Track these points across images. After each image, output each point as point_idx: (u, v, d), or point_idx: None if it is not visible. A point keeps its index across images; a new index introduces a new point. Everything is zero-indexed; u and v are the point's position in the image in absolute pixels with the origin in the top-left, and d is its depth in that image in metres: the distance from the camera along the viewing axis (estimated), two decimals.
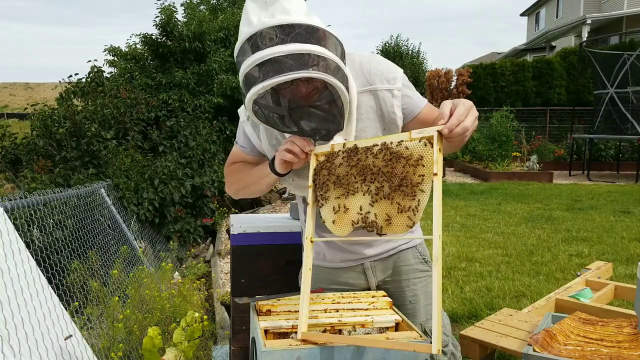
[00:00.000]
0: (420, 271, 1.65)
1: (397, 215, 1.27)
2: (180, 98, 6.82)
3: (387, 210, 1.29)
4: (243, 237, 1.90)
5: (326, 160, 1.39)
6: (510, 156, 11.70)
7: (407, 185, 1.26)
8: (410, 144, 1.27)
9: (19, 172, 5.36)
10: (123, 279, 3.40)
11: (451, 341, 1.67)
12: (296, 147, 1.36)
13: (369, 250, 1.60)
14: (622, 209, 7.41)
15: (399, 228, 1.27)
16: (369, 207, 1.31)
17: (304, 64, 1.19)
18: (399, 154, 1.28)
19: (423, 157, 1.25)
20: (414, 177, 1.26)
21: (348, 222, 1.35)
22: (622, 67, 11.29)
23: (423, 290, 1.64)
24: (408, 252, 1.64)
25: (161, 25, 7.15)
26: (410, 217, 1.25)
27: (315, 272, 1.67)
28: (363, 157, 1.33)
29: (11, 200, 2.67)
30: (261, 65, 1.19)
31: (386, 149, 1.30)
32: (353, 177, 1.34)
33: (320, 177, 1.40)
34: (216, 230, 6.16)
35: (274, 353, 1.19)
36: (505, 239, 5.68)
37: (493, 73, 16.26)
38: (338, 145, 1.38)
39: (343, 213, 1.35)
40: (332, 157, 1.39)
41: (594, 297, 2.80)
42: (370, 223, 1.30)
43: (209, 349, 2.87)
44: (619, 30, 18.60)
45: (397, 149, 1.28)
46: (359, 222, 1.32)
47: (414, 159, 1.26)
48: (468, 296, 3.83)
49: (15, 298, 1.76)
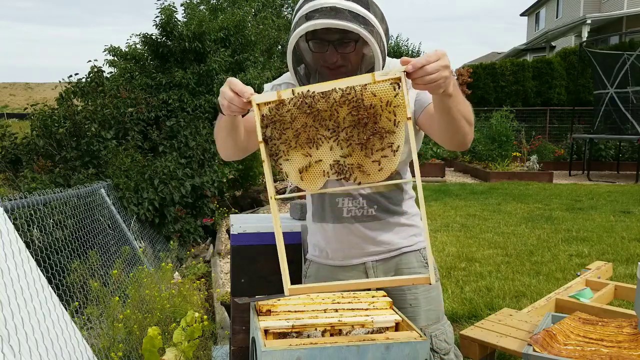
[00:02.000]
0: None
1: (372, 163, 1.22)
2: (180, 98, 6.81)
3: (360, 159, 1.22)
4: (243, 237, 1.90)
5: (276, 112, 1.25)
6: (510, 156, 11.71)
7: (381, 132, 1.19)
8: (377, 88, 1.17)
9: (19, 172, 5.37)
10: (123, 279, 3.40)
11: (453, 350, 1.66)
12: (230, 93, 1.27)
13: (371, 247, 1.59)
14: (622, 209, 7.41)
15: (375, 176, 1.23)
16: (340, 157, 1.24)
17: (359, 23, 1.28)
18: (365, 99, 1.18)
19: (393, 101, 1.17)
20: (387, 124, 1.19)
21: (319, 175, 1.27)
22: (622, 67, 11.30)
23: (424, 295, 1.62)
24: (411, 255, 1.63)
25: (161, 25, 7.15)
26: (386, 165, 1.21)
27: (318, 271, 1.68)
28: (323, 104, 1.21)
29: (11, 200, 2.67)
30: (321, 10, 1.29)
31: (350, 96, 1.19)
32: (314, 128, 1.23)
33: (274, 130, 1.26)
34: (216, 230, 6.16)
35: (274, 353, 1.19)
36: (505, 239, 5.68)
37: (493, 73, 16.26)
38: (286, 93, 1.23)
39: (311, 166, 1.26)
40: (282, 106, 1.24)
41: (594, 297, 2.80)
42: (346, 171, 1.24)
43: (209, 349, 2.87)
44: (619, 30, 18.60)
45: (363, 94, 1.18)
46: (331, 172, 1.25)
47: (384, 104, 1.18)
48: (468, 296, 3.83)
49: (15, 298, 1.76)
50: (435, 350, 1.59)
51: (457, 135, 1.36)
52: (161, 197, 5.13)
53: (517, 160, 12.04)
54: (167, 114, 6.62)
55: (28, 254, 1.99)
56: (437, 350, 1.59)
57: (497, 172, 10.90)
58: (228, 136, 1.47)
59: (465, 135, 1.36)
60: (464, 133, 1.35)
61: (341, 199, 1.57)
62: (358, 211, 1.56)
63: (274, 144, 1.27)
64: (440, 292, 1.70)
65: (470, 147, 12.99)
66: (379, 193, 1.56)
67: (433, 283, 1.21)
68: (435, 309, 1.65)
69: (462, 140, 1.38)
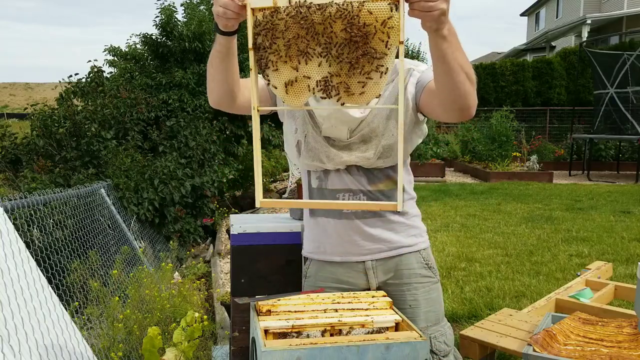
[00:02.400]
0: (422, 276, 1.63)
1: (357, 84, 1.20)
2: (180, 98, 6.81)
3: (348, 79, 1.21)
4: (243, 237, 1.90)
5: (270, 20, 1.22)
6: (510, 156, 11.71)
7: (371, 54, 1.17)
8: (374, 7, 1.15)
9: (19, 172, 5.36)
10: (123, 279, 3.40)
11: (453, 352, 1.66)
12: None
13: (370, 244, 1.58)
14: (622, 209, 7.41)
15: (361, 98, 1.22)
16: (327, 74, 1.22)
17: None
18: (361, 17, 1.16)
19: (388, 22, 1.15)
20: (379, 45, 1.17)
21: (304, 90, 1.25)
22: (622, 67, 11.30)
23: (424, 296, 1.62)
24: (411, 256, 1.63)
25: (161, 25, 7.15)
26: (371, 87, 1.20)
27: (318, 271, 1.68)
28: (318, 17, 1.19)
29: (11, 200, 2.67)
30: None
31: (346, 11, 1.17)
32: (306, 40, 1.21)
33: (265, 38, 1.24)
34: (216, 230, 6.17)
35: (274, 353, 1.19)
36: (505, 239, 5.68)
37: (493, 73, 16.27)
38: (283, 0, 1.21)
39: (298, 81, 1.25)
40: (276, 14, 1.22)
41: (594, 297, 2.80)
42: (331, 89, 1.22)
43: (209, 349, 2.87)
44: (619, 30, 18.60)
45: (359, 12, 1.16)
46: (317, 89, 1.23)
47: (379, 24, 1.15)
48: (468, 296, 3.83)
49: (15, 298, 1.76)
50: (434, 352, 1.59)
51: (457, 92, 1.29)
52: (161, 197, 5.13)
53: (517, 160, 12.04)
54: (167, 114, 6.62)
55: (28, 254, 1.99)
56: (436, 352, 1.59)
57: (497, 172, 10.90)
58: (220, 64, 1.41)
59: (467, 95, 1.30)
60: (465, 91, 1.29)
61: (342, 195, 1.57)
62: None
63: (263, 53, 1.25)
64: (440, 294, 1.70)
65: (470, 147, 13.01)
66: (379, 191, 1.56)
67: (400, 209, 1.23)
68: (435, 310, 1.65)
69: (464, 102, 1.31)
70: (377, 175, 1.56)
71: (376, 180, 1.56)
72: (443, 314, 1.70)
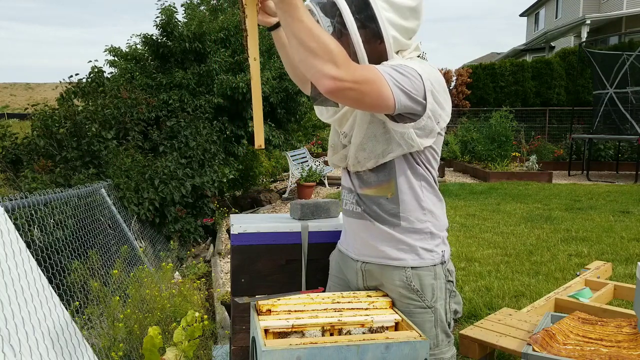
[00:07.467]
0: (403, 296, 1.50)
1: None
2: (180, 98, 6.81)
3: None
4: (243, 237, 1.90)
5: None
6: (509, 156, 11.72)
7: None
8: None
9: (19, 172, 5.36)
10: (123, 279, 3.41)
11: None
12: None
13: (360, 246, 1.56)
14: (622, 209, 7.42)
15: None
16: None
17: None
18: None
19: None
20: None
21: None
22: (621, 67, 11.31)
23: (408, 317, 1.47)
24: (394, 271, 1.50)
25: (161, 25, 7.15)
26: None
27: (334, 256, 1.74)
28: None
29: (12, 200, 2.67)
30: None
31: None
32: None
33: None
34: (216, 230, 6.17)
35: (274, 353, 1.20)
36: (504, 238, 5.68)
37: (492, 73, 16.29)
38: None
39: None
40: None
41: (593, 296, 2.80)
42: None
43: (209, 349, 2.88)
44: (619, 30, 18.62)
45: None
46: None
47: None
48: (468, 296, 3.84)
49: (16, 298, 1.76)
50: None
51: (300, 64, 1.25)
52: (161, 197, 5.13)
53: (517, 160, 12.06)
54: (167, 114, 6.62)
55: (28, 253, 2.00)
56: None
57: (497, 172, 10.90)
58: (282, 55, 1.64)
59: (307, 66, 1.22)
60: (301, 60, 1.23)
61: (345, 192, 1.63)
62: (350, 206, 1.58)
63: None
64: (428, 321, 1.55)
65: (470, 147, 13.01)
66: (366, 196, 1.53)
67: (257, 147, 1.39)
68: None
69: (309, 74, 1.24)
70: (367, 180, 1.52)
71: (365, 185, 1.53)
72: (438, 341, 1.51)
